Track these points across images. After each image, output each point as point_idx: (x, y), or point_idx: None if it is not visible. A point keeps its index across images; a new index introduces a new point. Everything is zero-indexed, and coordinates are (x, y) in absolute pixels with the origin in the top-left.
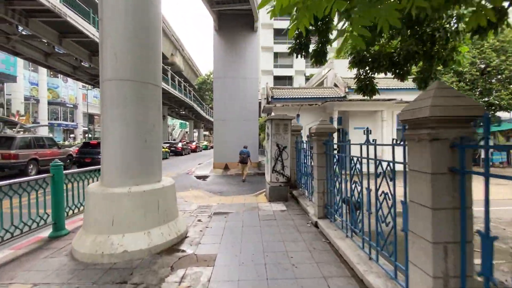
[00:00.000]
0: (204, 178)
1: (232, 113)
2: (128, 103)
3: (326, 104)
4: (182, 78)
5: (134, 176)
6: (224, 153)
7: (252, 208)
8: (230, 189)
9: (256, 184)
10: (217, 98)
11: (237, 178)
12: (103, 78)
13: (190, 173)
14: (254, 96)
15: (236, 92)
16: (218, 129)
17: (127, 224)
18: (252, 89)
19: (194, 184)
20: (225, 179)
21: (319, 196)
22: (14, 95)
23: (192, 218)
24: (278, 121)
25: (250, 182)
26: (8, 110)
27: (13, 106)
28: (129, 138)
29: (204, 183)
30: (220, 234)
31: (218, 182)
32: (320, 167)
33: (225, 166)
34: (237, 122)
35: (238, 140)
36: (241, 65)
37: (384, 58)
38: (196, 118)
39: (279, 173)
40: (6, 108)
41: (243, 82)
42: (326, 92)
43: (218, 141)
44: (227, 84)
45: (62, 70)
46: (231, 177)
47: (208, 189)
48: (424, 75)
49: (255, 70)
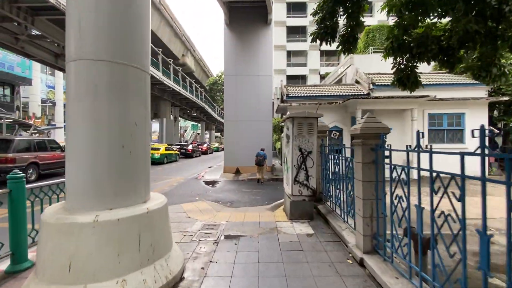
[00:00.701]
0: (213, 184)
1: (244, 113)
2: (100, 93)
3: (347, 102)
4: (193, 79)
5: (105, 197)
6: (235, 156)
7: (270, 230)
8: (242, 198)
9: (271, 191)
10: (228, 97)
11: (249, 184)
12: (67, 59)
13: (200, 177)
14: (267, 95)
15: (248, 91)
16: (228, 130)
17: (91, 269)
18: (266, 87)
19: (202, 192)
20: (236, 185)
21: (365, 222)
22: (32, 98)
23: (193, 245)
24: (301, 119)
25: (264, 189)
26: (25, 113)
27: (30, 109)
28: (100, 143)
29: (213, 190)
30: (228, 275)
31: (229, 189)
32: (367, 182)
33: (236, 170)
34: (249, 123)
35: (251, 142)
36: (253, 61)
37: (433, 42)
38: (207, 119)
39: (303, 185)
40: (23, 111)
41: (255, 80)
42: (347, 90)
43: (228, 143)
44: (238, 82)
45: None
46: (242, 183)
47: (216, 198)
48: (484, 62)
49: (269, 66)
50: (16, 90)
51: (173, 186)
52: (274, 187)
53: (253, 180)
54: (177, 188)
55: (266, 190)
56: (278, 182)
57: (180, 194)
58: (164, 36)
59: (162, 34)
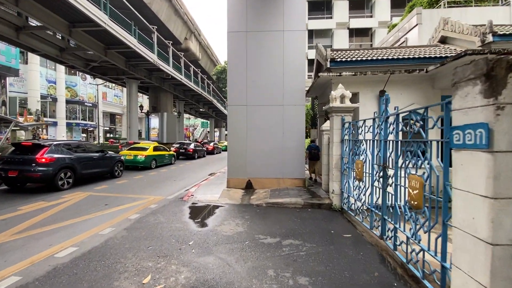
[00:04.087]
0: (204, 217)
1: (260, 93)
2: None
3: (442, 68)
4: (199, 69)
5: None
6: (245, 162)
7: None
8: (261, 275)
9: (316, 234)
10: (233, 68)
11: (272, 218)
12: None
13: (187, 197)
14: (298, 63)
15: (266, 57)
16: (234, 120)
17: None
18: (295, 50)
19: (174, 247)
20: (247, 224)
21: None
22: (31, 93)
23: None
24: None
25: (302, 224)
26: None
27: (29, 105)
28: None
29: (198, 240)
30: None
31: (232, 237)
32: None
33: (246, 185)
34: (269, 108)
35: (271, 139)
36: (274, 10)
37: None
38: (216, 115)
39: None
40: (21, 107)
41: (278, 39)
42: (430, 52)
43: (234, 140)
44: (250, 42)
45: (74, 65)
46: (259, 213)
47: (195, 281)
48: None
49: (301, 17)
50: (1, 83)
51: (122, 226)
52: (319, 223)
53: (281, 208)
54: (127, 234)
55: (309, 227)
56: (318, 206)
57: (110, 265)
58: (161, 12)
59: (157, 9)
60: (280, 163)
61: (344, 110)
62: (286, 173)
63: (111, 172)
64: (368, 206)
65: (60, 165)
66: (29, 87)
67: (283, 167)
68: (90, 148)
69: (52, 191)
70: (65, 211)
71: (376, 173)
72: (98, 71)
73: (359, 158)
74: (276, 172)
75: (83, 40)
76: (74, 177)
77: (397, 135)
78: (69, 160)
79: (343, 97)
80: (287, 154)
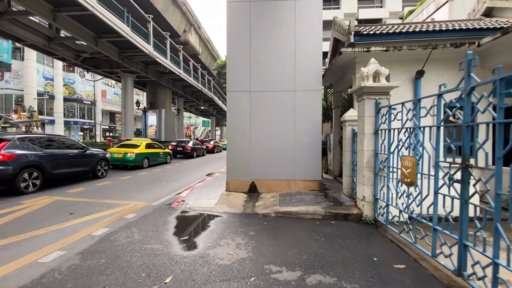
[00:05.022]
0: (193, 236)
1: (266, 76)
2: None
3: (501, 41)
4: (199, 64)
5: None
6: (248, 160)
7: None
8: None
9: None
10: (233, 45)
11: (286, 235)
12: None
13: (178, 202)
14: (314, 38)
15: (275, 31)
16: (234, 109)
17: None
18: (311, 22)
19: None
20: (252, 245)
21: None
22: (27, 91)
23: None
24: None
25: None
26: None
27: (25, 102)
28: None
29: (180, 277)
30: None
31: (227, 269)
32: None
33: (250, 188)
34: (277, 94)
35: (280, 133)
36: None
37: None
38: (217, 114)
39: None
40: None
41: (288, 8)
42: (479, 23)
43: (234, 134)
44: (255, 13)
45: (65, 57)
46: (267, 227)
47: None
48: None
49: None
50: None
51: (76, 249)
52: (348, 242)
53: (295, 220)
54: (78, 263)
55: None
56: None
57: None
58: (158, 0)
59: None
60: (291, 162)
61: (379, 92)
62: (298, 174)
63: (93, 171)
64: (423, 220)
65: (23, 164)
66: (25, 84)
67: (295, 167)
68: (66, 143)
69: (12, 195)
70: (13, 223)
71: (445, 175)
72: (91, 64)
73: (408, 153)
74: (286, 173)
75: (71, 28)
76: (42, 178)
77: (500, 114)
78: (36, 158)
79: (377, 74)
80: (299, 151)
